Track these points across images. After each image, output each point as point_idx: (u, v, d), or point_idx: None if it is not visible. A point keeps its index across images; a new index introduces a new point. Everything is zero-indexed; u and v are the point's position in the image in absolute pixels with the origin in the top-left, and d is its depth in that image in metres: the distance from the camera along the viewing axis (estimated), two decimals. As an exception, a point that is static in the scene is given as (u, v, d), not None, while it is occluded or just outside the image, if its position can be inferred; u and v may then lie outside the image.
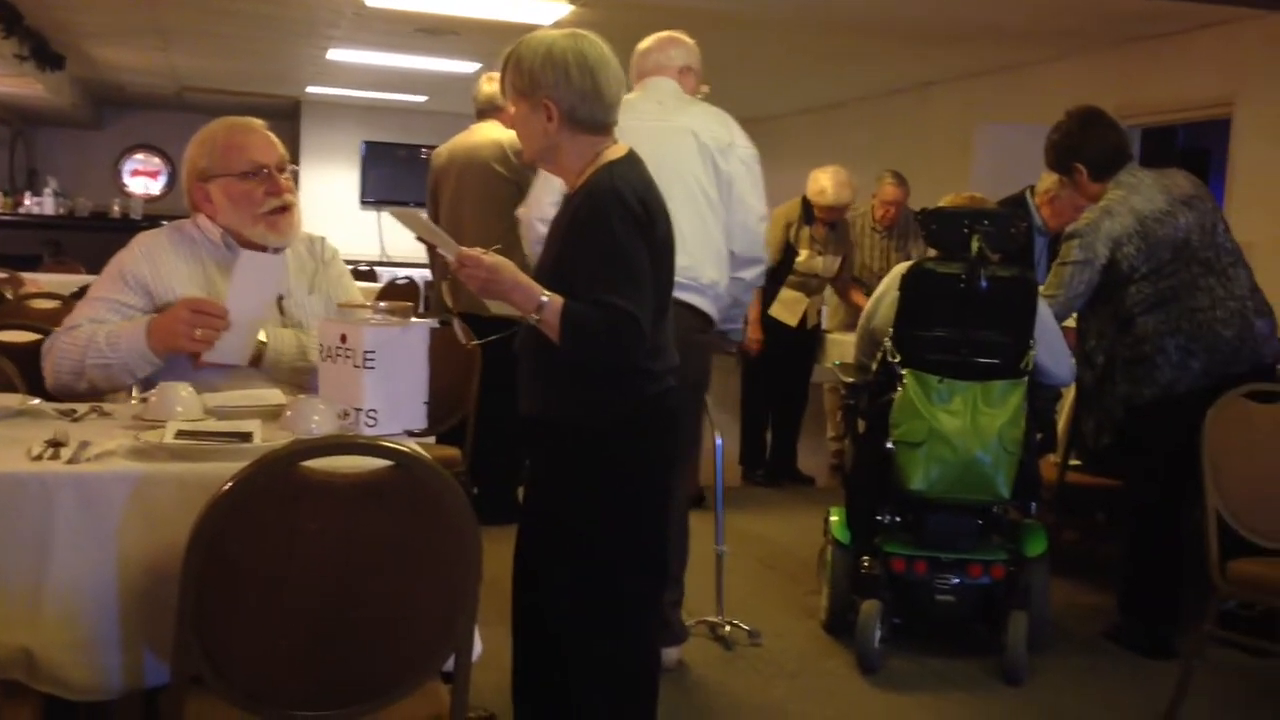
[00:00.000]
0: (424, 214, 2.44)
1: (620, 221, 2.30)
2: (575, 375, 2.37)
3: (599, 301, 2.26)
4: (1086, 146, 3.98)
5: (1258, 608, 3.14)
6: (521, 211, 3.61)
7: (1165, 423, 3.78)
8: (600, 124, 2.41)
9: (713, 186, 3.58)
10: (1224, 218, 4.00)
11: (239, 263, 2.64)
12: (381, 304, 2.42)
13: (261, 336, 2.68)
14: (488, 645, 2.07)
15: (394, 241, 13.09)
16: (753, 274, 3.73)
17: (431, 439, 4.10)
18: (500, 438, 4.38)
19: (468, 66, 9.84)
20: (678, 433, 2.54)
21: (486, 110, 5.24)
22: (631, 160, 2.43)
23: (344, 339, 2.32)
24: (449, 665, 1.93)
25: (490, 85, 5.13)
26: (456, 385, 3.99)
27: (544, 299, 2.27)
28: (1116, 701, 3.50)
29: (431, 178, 5.38)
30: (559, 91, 2.36)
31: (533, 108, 2.39)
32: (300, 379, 2.69)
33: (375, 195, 13.80)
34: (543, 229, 3.67)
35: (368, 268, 10.49)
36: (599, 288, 2.27)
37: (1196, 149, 9.31)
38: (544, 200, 3.56)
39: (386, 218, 13.61)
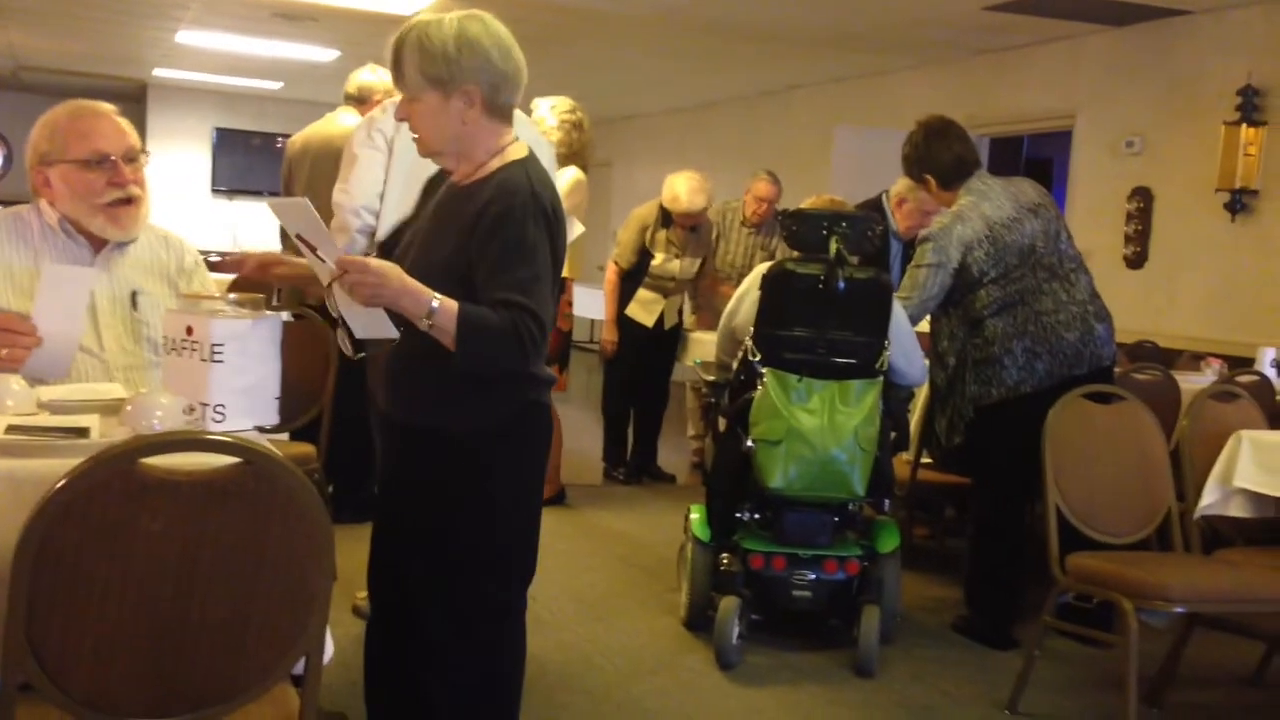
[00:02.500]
0: (311, 206, 2.25)
1: (535, 223, 2.23)
2: (460, 382, 2.27)
3: (506, 301, 2.18)
4: (933, 158, 4.11)
5: (1094, 600, 3.27)
6: (342, 198, 3.50)
7: (1011, 422, 3.91)
8: (509, 111, 2.34)
9: None
10: (1066, 225, 4.16)
11: (44, 277, 2.45)
12: (231, 295, 2.32)
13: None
14: (340, 645, 2.01)
15: (248, 231, 12.72)
16: None
17: (285, 435, 3.99)
18: (358, 434, 4.28)
19: (326, 54, 9.62)
20: (550, 440, 2.50)
21: (354, 99, 5.09)
22: (534, 158, 2.36)
23: (190, 331, 2.21)
24: (299, 668, 1.87)
25: (372, 75, 4.98)
26: (312, 380, 3.89)
27: (435, 304, 2.15)
28: (962, 691, 3.61)
29: (285, 167, 5.24)
30: (483, 75, 2.26)
31: (448, 96, 2.26)
32: None
33: (227, 184, 13.40)
34: (370, 219, 3.57)
35: (219, 258, 10.15)
36: (506, 288, 2.19)
37: (1040, 159, 9.69)
38: (369, 189, 3.49)
39: (240, 207, 13.23)
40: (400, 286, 2.15)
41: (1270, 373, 5.00)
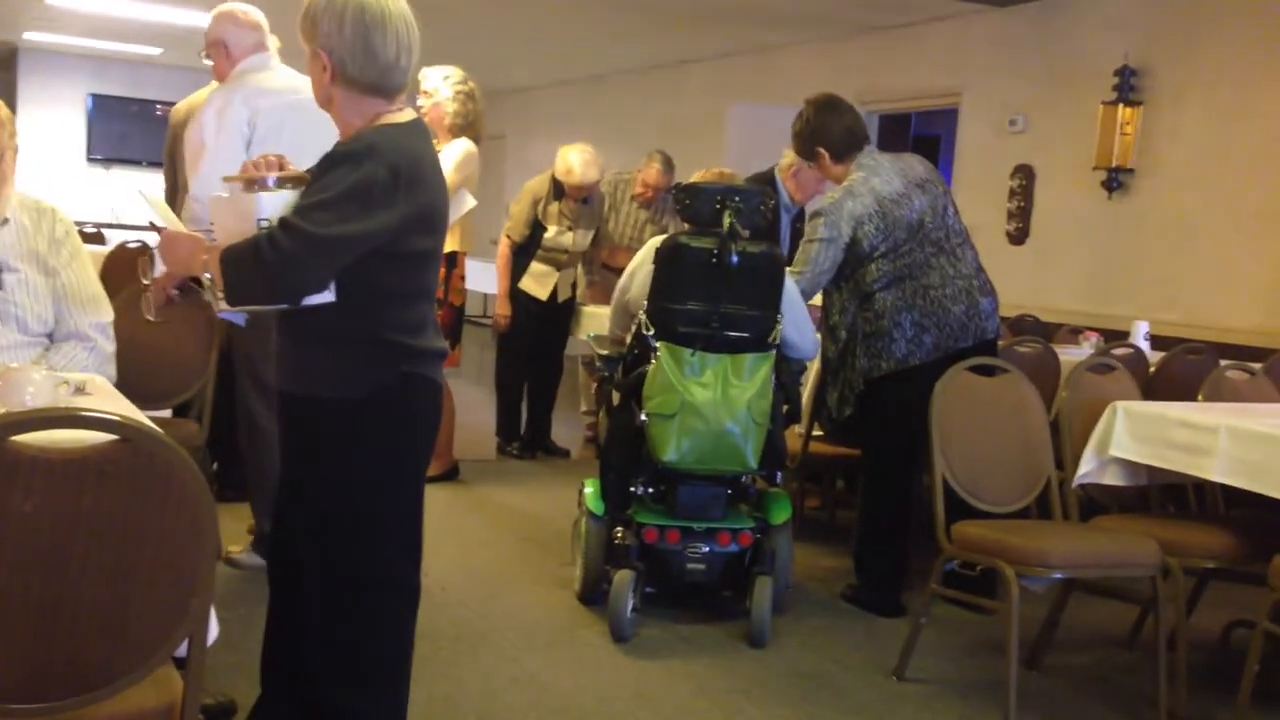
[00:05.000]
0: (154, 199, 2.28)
1: (359, 169, 2.17)
2: (329, 349, 2.27)
3: (282, 221, 2.15)
4: (825, 131, 4.16)
5: (978, 568, 3.36)
6: (196, 189, 3.45)
7: (900, 394, 3.99)
8: (375, 86, 2.28)
9: None
10: (953, 201, 4.24)
11: None
12: (272, 175, 2.26)
13: None
14: (227, 627, 1.96)
15: (125, 203, 12.31)
16: None
17: (167, 412, 3.88)
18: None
19: (207, 19, 9.31)
20: (435, 414, 2.46)
21: None
22: (411, 128, 2.32)
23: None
24: (183, 650, 1.82)
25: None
26: (194, 356, 3.78)
27: (206, 256, 2.19)
28: (851, 659, 3.68)
29: (170, 136, 5.05)
30: (331, 42, 2.25)
31: (313, 54, 2.28)
32: None
33: (103, 153, 12.94)
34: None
35: (95, 229, 9.78)
36: (294, 212, 2.16)
37: (929, 136, 9.88)
38: (214, 184, 3.49)
39: (117, 176, 12.79)
40: (187, 254, 2.23)
41: (1144, 345, 5.18)
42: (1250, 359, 4.54)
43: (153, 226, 2.25)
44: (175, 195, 4.47)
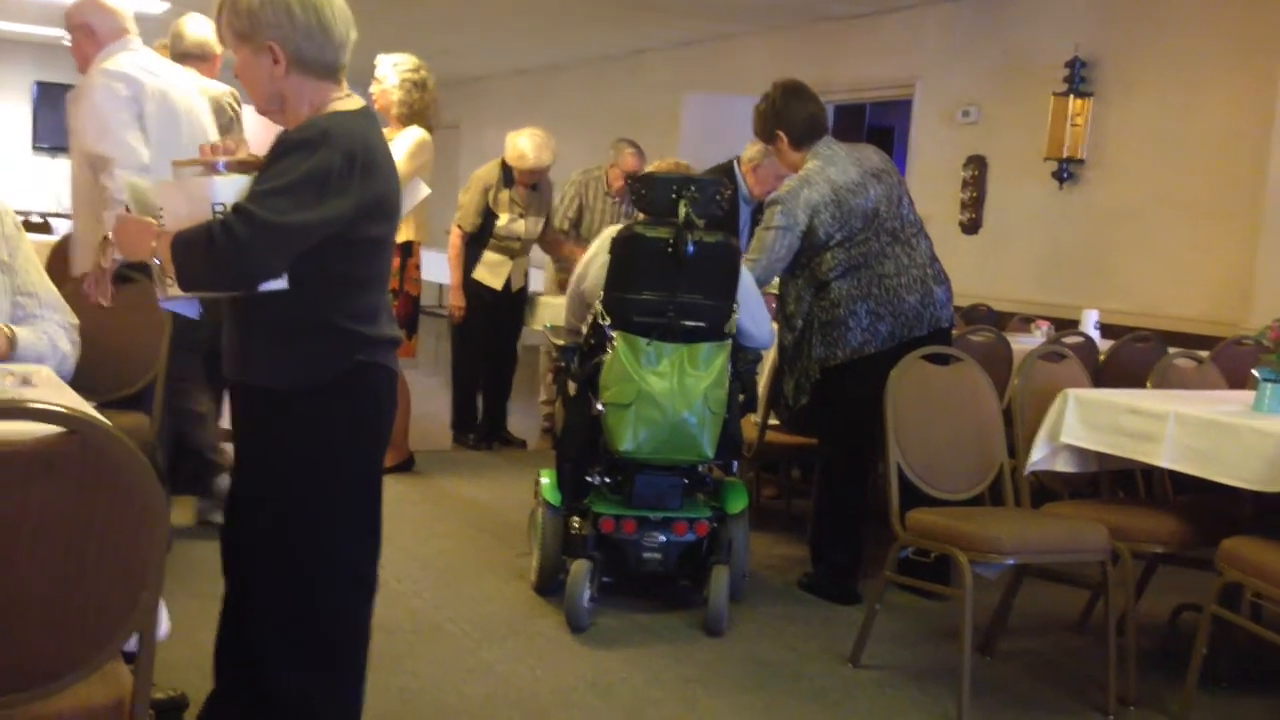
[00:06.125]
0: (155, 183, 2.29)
1: (314, 156, 2.15)
2: (282, 338, 2.25)
3: (236, 207, 2.12)
4: (788, 115, 4.17)
5: (932, 555, 3.39)
6: (114, 181, 3.48)
7: (855, 383, 4.01)
8: (330, 66, 2.27)
9: None
10: (908, 191, 4.27)
11: None
12: (222, 159, 2.26)
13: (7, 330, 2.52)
14: (177, 620, 1.94)
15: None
16: None
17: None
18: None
19: (153, 5, 9.17)
20: (391, 402, 2.45)
21: (191, 56, 4.81)
22: (364, 114, 2.30)
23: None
24: (133, 644, 1.80)
25: (197, 29, 4.74)
26: (144, 346, 3.73)
27: (154, 242, 2.16)
28: (807, 646, 3.70)
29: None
30: (283, 31, 2.20)
31: (256, 52, 2.22)
32: None
33: (50, 141, 12.71)
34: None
35: (41, 219, 9.60)
36: (249, 198, 2.13)
37: (883, 126, 9.93)
38: (132, 162, 3.51)
39: (64, 165, 12.57)
40: (135, 238, 2.19)
41: (1094, 334, 5.25)
42: (1198, 347, 4.61)
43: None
44: None
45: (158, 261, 2.17)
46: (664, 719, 3.13)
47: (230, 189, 2.15)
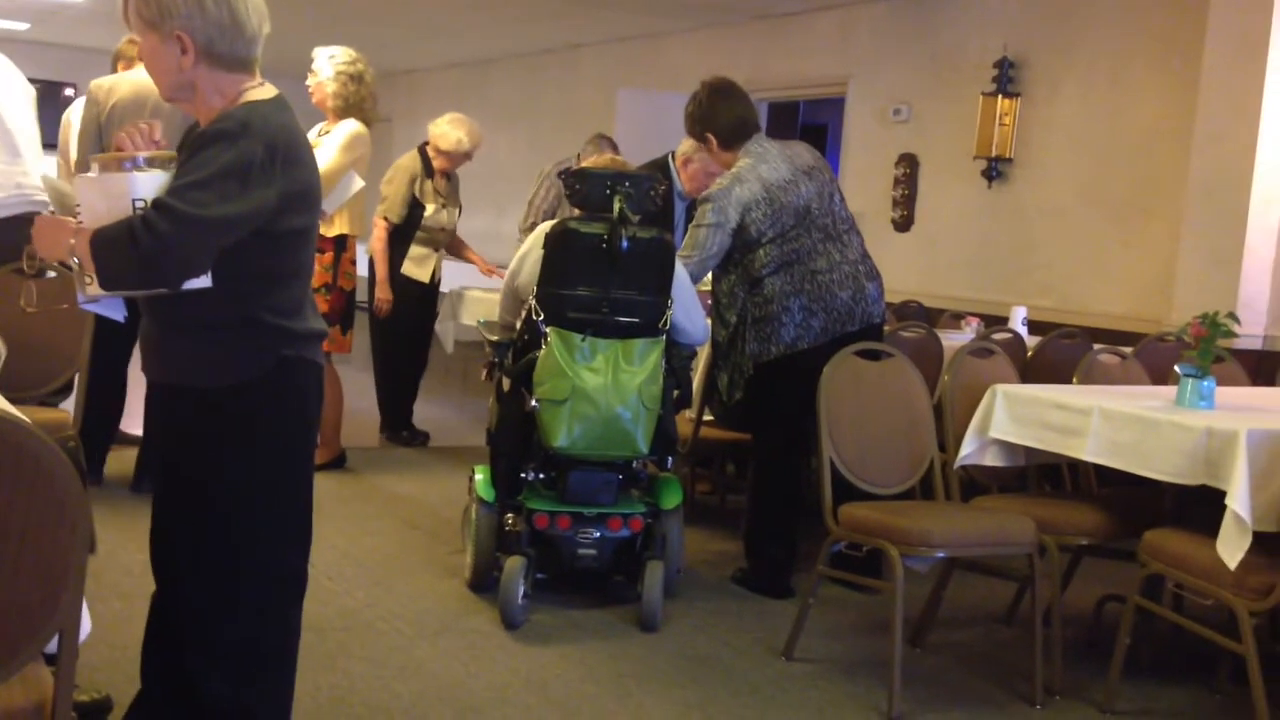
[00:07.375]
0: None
1: (234, 147, 2.11)
2: (203, 335, 2.21)
3: (156, 203, 2.08)
4: (715, 117, 4.19)
5: (864, 548, 3.42)
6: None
7: (789, 378, 4.04)
8: (242, 60, 2.23)
9: None
10: (840, 189, 4.31)
11: None
12: (142, 154, 2.17)
13: None
14: (101, 621, 1.90)
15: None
16: None
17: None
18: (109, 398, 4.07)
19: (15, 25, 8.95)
20: (318, 397, 2.41)
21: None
22: (278, 103, 2.26)
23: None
24: (53, 646, 1.76)
25: None
26: (66, 343, 3.65)
27: (73, 240, 2.09)
28: (741, 640, 3.72)
29: (96, 113, 4.70)
30: (194, 23, 2.15)
31: (163, 40, 2.17)
32: None
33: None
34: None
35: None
36: (168, 193, 2.09)
37: (816, 124, 10.01)
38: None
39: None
40: (52, 238, 2.14)
41: (1022, 330, 5.34)
42: (1121, 343, 4.71)
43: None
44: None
45: (77, 261, 2.11)
46: (598, 714, 3.13)
47: (151, 184, 2.10)
